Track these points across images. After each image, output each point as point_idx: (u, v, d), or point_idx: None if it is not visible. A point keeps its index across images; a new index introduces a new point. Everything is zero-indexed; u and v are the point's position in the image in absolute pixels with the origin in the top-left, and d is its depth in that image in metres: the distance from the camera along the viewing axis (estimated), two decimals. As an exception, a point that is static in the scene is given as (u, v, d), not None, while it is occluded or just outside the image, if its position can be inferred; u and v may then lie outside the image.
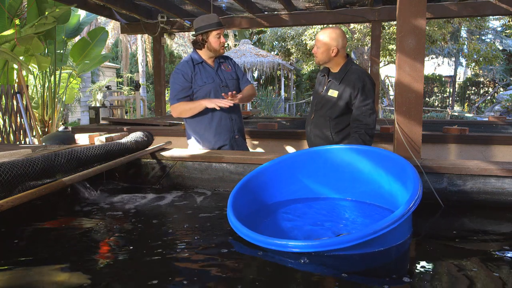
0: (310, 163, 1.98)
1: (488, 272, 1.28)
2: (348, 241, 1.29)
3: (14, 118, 4.68)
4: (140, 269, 1.29)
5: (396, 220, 1.30)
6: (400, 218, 1.31)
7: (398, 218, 1.31)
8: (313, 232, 1.62)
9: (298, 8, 5.84)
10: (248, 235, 1.42)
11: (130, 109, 10.99)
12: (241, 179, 1.84)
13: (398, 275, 1.28)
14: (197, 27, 2.58)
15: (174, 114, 2.66)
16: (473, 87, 19.14)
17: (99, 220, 1.76)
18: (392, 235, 1.37)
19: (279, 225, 1.71)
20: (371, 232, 1.27)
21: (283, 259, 1.34)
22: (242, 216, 1.60)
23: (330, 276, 1.27)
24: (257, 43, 20.21)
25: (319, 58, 2.45)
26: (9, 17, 5.57)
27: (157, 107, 6.71)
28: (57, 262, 1.36)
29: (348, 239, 1.29)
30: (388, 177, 1.80)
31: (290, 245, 1.33)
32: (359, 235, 1.27)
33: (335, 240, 1.34)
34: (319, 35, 2.42)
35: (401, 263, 1.39)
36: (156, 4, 5.49)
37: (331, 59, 2.42)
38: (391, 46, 12.28)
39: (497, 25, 18.47)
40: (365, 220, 1.76)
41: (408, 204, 1.35)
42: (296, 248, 1.33)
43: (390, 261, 1.38)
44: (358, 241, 1.27)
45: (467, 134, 3.67)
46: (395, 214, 1.32)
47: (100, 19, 15.20)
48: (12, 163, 1.60)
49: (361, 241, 1.27)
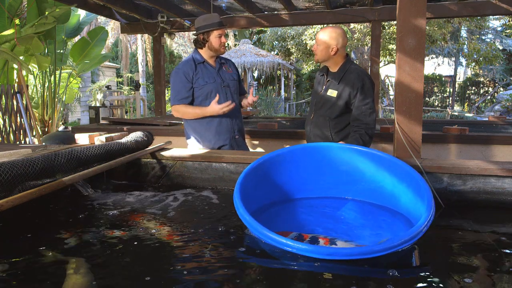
0: (310, 159, 1.98)
1: (488, 272, 1.28)
2: (369, 253, 1.29)
3: (14, 118, 4.68)
4: (140, 268, 1.29)
5: (416, 235, 1.35)
6: (419, 234, 1.36)
7: (418, 232, 1.36)
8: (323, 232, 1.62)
9: (298, 8, 5.84)
10: (267, 235, 1.39)
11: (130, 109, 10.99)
12: (242, 172, 1.79)
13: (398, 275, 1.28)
14: (199, 26, 2.59)
15: (175, 114, 2.67)
16: (473, 87, 19.13)
17: (99, 220, 1.76)
18: None
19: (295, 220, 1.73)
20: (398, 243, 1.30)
21: (284, 257, 1.34)
22: (249, 206, 1.60)
23: (333, 275, 1.27)
24: (257, 43, 20.19)
25: (318, 56, 2.45)
26: (9, 17, 5.57)
27: (157, 107, 6.71)
28: (57, 261, 1.36)
29: (371, 250, 1.29)
30: (392, 179, 1.81)
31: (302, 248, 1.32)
32: (387, 246, 1.29)
33: (358, 250, 1.34)
34: (320, 33, 2.42)
35: (401, 263, 1.39)
36: (156, 4, 5.49)
37: (330, 58, 2.42)
38: (391, 46, 12.28)
39: (497, 25, 18.47)
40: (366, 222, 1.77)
41: (427, 215, 1.42)
42: (306, 252, 1.32)
43: (390, 261, 1.38)
44: (383, 253, 1.29)
45: (467, 134, 3.67)
46: (413, 230, 1.35)
47: (100, 19, 15.19)
48: (12, 163, 1.60)
49: (386, 253, 1.29)
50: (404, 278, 1.27)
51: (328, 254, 1.31)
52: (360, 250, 1.31)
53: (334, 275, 1.27)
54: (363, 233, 1.64)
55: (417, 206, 1.60)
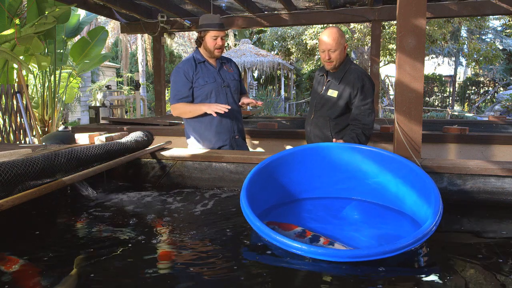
0: (312, 160, 1.98)
1: (488, 271, 1.28)
2: (370, 255, 1.28)
3: (14, 117, 4.67)
4: (140, 268, 1.29)
5: (421, 238, 1.34)
6: (425, 236, 1.35)
7: (423, 235, 1.35)
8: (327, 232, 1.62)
9: (298, 7, 5.84)
10: (272, 236, 1.39)
11: (130, 108, 10.98)
12: (247, 174, 1.79)
13: (398, 275, 1.28)
14: (199, 24, 2.61)
15: (174, 113, 2.67)
16: (473, 87, 19.12)
17: (99, 220, 1.76)
18: None
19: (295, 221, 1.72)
20: (404, 245, 1.29)
21: (287, 257, 1.34)
22: (256, 205, 1.60)
23: (337, 275, 1.27)
24: (257, 42, 20.18)
25: (337, 61, 2.37)
26: (9, 17, 5.57)
27: (157, 106, 6.71)
28: (57, 261, 1.36)
29: (373, 253, 1.29)
30: (395, 179, 1.81)
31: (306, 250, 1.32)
32: (392, 248, 1.28)
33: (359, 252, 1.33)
34: (328, 38, 2.32)
35: (401, 263, 1.39)
36: (156, 3, 5.49)
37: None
38: (391, 45, 12.27)
39: (497, 24, 18.47)
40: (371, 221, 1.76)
41: (434, 218, 1.41)
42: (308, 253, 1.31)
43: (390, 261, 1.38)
44: (388, 255, 1.28)
45: (467, 133, 3.66)
46: (419, 232, 1.34)
47: (100, 19, 15.19)
48: (12, 162, 1.60)
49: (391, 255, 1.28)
50: (404, 278, 1.27)
51: (348, 256, 1.29)
52: (375, 250, 1.30)
53: (335, 275, 1.27)
54: (369, 233, 1.63)
55: (422, 204, 1.60)
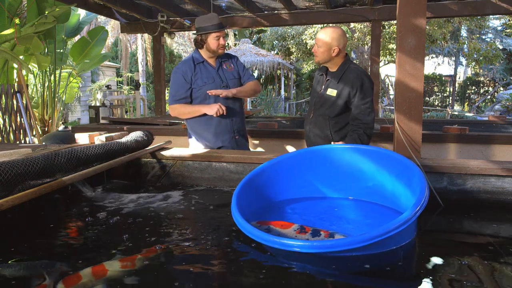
0: (312, 162, 1.98)
1: (488, 271, 1.28)
2: (353, 243, 1.27)
3: (14, 117, 4.68)
4: (140, 268, 1.29)
5: (401, 224, 1.30)
6: (405, 223, 1.31)
7: (403, 222, 1.30)
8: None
9: (298, 7, 5.84)
10: (255, 234, 1.40)
11: (130, 108, 10.97)
12: (243, 178, 1.83)
13: (398, 275, 1.28)
14: (198, 27, 2.58)
15: (172, 114, 2.67)
16: (473, 87, 19.12)
17: (99, 219, 1.75)
18: (399, 235, 1.36)
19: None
20: (382, 233, 1.26)
21: (285, 260, 1.34)
22: (245, 213, 1.60)
23: (335, 277, 1.27)
24: (257, 42, 20.17)
25: (319, 57, 2.43)
26: (9, 16, 5.57)
27: (157, 106, 6.71)
28: (57, 261, 1.36)
29: (353, 241, 1.27)
30: (391, 177, 1.80)
31: (293, 245, 1.32)
32: (370, 236, 1.26)
33: (338, 242, 1.32)
34: (320, 34, 2.40)
35: (400, 262, 1.39)
36: (156, 3, 5.49)
37: (332, 59, 2.41)
38: (391, 45, 12.27)
39: (497, 24, 18.45)
40: (367, 220, 1.76)
41: (415, 207, 1.35)
42: (297, 248, 1.32)
43: (390, 261, 1.38)
44: (367, 242, 1.26)
45: (467, 133, 3.66)
46: (400, 218, 1.31)
47: (100, 19, 15.19)
48: (12, 162, 1.60)
49: (370, 243, 1.26)
50: (404, 278, 1.27)
51: (327, 247, 1.30)
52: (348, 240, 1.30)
53: (335, 274, 1.27)
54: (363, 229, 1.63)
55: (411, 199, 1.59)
